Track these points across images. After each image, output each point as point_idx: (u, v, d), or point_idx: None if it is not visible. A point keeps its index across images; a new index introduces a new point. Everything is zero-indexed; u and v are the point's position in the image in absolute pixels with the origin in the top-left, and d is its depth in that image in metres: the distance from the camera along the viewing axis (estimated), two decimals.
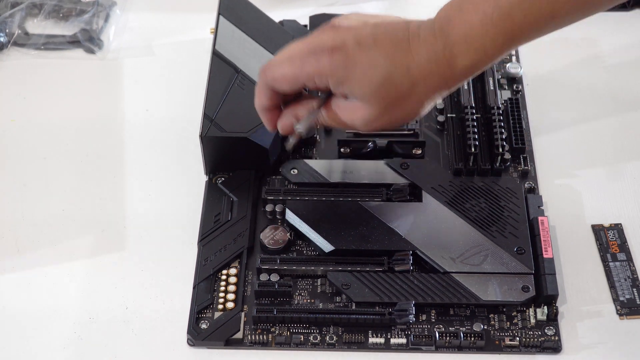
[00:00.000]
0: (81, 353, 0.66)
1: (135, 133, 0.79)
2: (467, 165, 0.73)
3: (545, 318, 0.66)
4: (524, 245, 0.68)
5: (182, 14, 0.90)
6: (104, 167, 0.77)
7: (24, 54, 0.86)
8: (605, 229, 0.72)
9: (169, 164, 0.77)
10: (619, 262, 0.70)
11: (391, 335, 0.66)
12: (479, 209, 0.71)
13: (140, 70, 0.85)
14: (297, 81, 0.63)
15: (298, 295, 0.68)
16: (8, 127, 0.80)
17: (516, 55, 0.84)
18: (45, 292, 0.69)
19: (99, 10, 0.88)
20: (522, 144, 0.75)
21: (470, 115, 0.75)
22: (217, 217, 0.71)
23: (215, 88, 0.73)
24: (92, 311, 0.68)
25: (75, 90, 0.83)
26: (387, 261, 0.68)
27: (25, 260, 0.71)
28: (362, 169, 0.74)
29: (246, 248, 0.69)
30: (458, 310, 0.67)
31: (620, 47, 0.86)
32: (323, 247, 0.69)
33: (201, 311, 0.66)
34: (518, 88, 0.81)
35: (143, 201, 0.75)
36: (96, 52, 0.86)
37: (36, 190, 0.75)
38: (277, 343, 0.65)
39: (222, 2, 0.80)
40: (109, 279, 0.70)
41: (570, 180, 0.75)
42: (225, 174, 0.74)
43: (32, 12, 0.89)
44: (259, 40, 0.78)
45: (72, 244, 0.72)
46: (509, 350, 0.65)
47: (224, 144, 0.72)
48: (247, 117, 0.71)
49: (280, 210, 0.72)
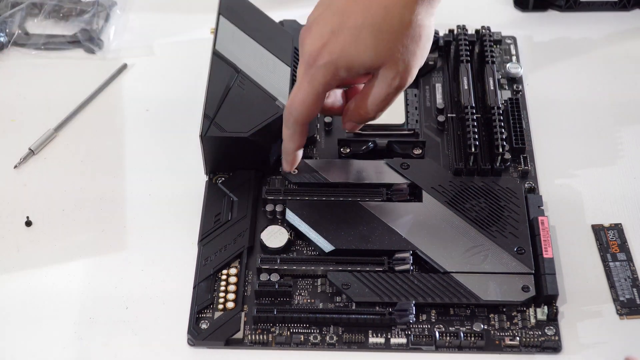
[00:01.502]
0: (81, 353, 0.66)
1: (135, 133, 0.79)
2: (467, 165, 0.73)
3: (545, 318, 0.66)
4: (524, 245, 0.68)
5: (182, 14, 0.90)
6: (104, 167, 0.77)
7: (24, 54, 0.86)
8: (605, 229, 0.72)
9: (169, 164, 0.77)
10: (619, 262, 0.70)
11: (391, 335, 0.66)
12: (479, 209, 0.71)
13: (140, 70, 0.85)
14: (319, 97, 0.64)
15: (298, 295, 0.68)
16: (8, 127, 0.80)
17: (516, 55, 0.84)
18: (45, 292, 0.69)
19: (99, 10, 0.88)
20: (522, 144, 0.75)
21: (470, 115, 0.75)
22: (217, 217, 0.71)
23: (215, 88, 0.73)
24: (92, 311, 0.68)
25: (75, 90, 0.83)
26: (387, 261, 0.68)
27: (25, 260, 0.71)
28: (362, 169, 0.74)
29: (246, 248, 0.69)
30: (458, 310, 0.67)
31: (620, 47, 0.86)
32: (323, 247, 0.69)
33: (201, 311, 0.66)
34: (518, 88, 0.81)
35: (143, 201, 0.75)
36: (96, 52, 0.86)
37: (36, 190, 0.75)
38: (277, 343, 0.65)
39: (222, 2, 0.80)
40: (109, 279, 0.70)
41: (570, 180, 0.75)
42: (225, 174, 0.74)
43: (32, 12, 0.89)
44: (259, 40, 0.78)
45: (72, 244, 0.72)
46: (509, 350, 0.65)
47: (224, 144, 0.72)
48: (247, 117, 0.71)
49: (280, 210, 0.72)
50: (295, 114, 0.65)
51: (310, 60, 0.63)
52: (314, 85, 0.63)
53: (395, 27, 0.62)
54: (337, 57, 0.62)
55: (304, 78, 0.64)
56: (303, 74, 0.64)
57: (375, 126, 0.77)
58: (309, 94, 0.64)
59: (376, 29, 0.61)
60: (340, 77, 0.63)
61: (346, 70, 0.63)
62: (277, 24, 0.81)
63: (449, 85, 0.81)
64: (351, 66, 0.63)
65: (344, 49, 0.62)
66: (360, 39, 0.62)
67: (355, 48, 0.62)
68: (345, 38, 0.62)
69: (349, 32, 0.62)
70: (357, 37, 0.62)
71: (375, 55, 0.62)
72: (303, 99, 0.64)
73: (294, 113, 0.65)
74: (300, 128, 0.66)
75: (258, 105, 0.72)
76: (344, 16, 0.62)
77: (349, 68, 0.63)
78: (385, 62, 0.63)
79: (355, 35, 0.62)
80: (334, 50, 0.62)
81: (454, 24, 0.83)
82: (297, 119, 0.65)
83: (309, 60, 0.63)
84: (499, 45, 0.85)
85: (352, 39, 0.62)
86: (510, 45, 0.85)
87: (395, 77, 0.63)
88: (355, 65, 0.63)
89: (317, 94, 0.64)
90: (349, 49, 0.62)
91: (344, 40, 0.62)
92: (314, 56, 0.63)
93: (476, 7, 0.90)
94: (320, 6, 0.65)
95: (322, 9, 0.64)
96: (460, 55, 0.80)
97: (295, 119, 0.65)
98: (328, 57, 0.62)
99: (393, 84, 0.64)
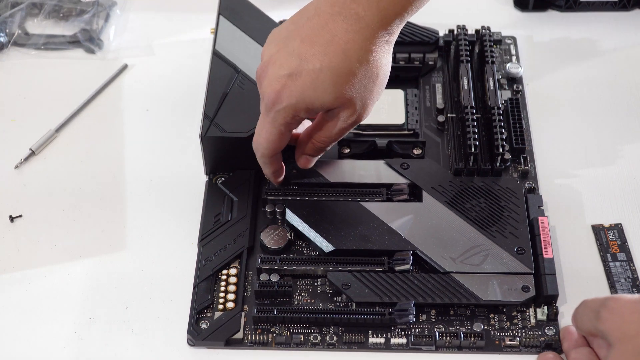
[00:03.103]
0: (81, 353, 0.66)
1: (135, 133, 0.79)
2: (467, 165, 0.73)
3: (545, 318, 0.66)
4: (524, 245, 0.68)
5: (182, 14, 0.90)
6: (104, 167, 0.77)
7: (24, 54, 0.86)
8: (605, 229, 0.72)
9: (169, 164, 0.77)
10: (619, 262, 0.70)
11: (391, 335, 0.66)
12: (479, 209, 0.71)
13: (140, 70, 0.85)
14: (282, 135, 0.66)
15: (298, 295, 0.68)
16: (8, 127, 0.80)
17: (516, 55, 0.84)
18: (45, 292, 0.69)
19: (99, 10, 0.88)
20: (522, 144, 0.75)
21: (470, 115, 0.75)
22: (217, 217, 0.71)
23: (215, 88, 0.73)
24: (92, 311, 0.68)
25: (75, 90, 0.83)
26: (387, 261, 0.68)
27: (25, 260, 0.71)
28: (362, 169, 0.74)
29: (246, 248, 0.69)
30: (458, 310, 0.67)
31: (620, 47, 0.86)
32: (323, 247, 0.69)
33: (201, 311, 0.67)
34: (518, 88, 0.81)
35: (143, 201, 0.75)
36: (96, 52, 0.86)
37: (36, 190, 0.75)
38: (277, 343, 0.65)
39: (222, 2, 0.80)
40: (109, 279, 0.70)
41: (570, 180, 0.75)
42: (225, 174, 0.74)
43: (32, 12, 0.89)
44: (259, 40, 0.78)
45: (72, 244, 0.72)
46: (509, 350, 0.65)
47: (224, 144, 0.72)
48: (247, 117, 0.71)
49: (280, 210, 0.72)
50: (261, 150, 0.67)
51: (269, 103, 0.64)
52: (275, 126, 0.65)
53: (353, 70, 0.62)
54: (296, 101, 0.63)
55: (266, 119, 0.65)
56: (264, 114, 0.65)
57: (375, 126, 0.77)
58: (272, 134, 0.66)
59: (335, 73, 0.62)
60: (300, 117, 0.65)
61: (305, 112, 0.64)
62: (277, 24, 0.81)
63: (449, 85, 0.81)
64: (310, 108, 0.64)
65: (302, 92, 0.63)
66: (319, 83, 0.62)
67: (314, 92, 0.63)
68: (304, 82, 0.62)
69: (307, 76, 0.62)
70: (316, 80, 0.62)
71: (334, 97, 0.63)
72: (267, 138, 0.66)
73: (260, 149, 0.67)
74: (269, 160, 0.68)
75: (258, 105, 0.72)
76: (301, 59, 0.63)
77: (308, 110, 0.64)
78: (343, 103, 0.64)
79: (314, 79, 0.62)
80: (293, 95, 0.63)
81: (454, 24, 0.83)
82: (264, 154, 0.68)
83: (268, 103, 0.64)
84: (499, 45, 0.85)
85: (311, 83, 0.62)
86: (510, 45, 0.85)
87: (352, 114, 0.65)
88: (314, 107, 0.64)
89: (280, 133, 0.66)
90: (308, 92, 0.63)
91: (302, 84, 0.63)
92: (272, 100, 0.64)
93: (476, 7, 0.90)
94: (273, 44, 0.65)
95: (276, 48, 0.65)
96: (460, 55, 0.80)
97: (263, 154, 0.68)
98: (287, 101, 0.63)
99: (349, 121, 0.65)
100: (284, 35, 0.65)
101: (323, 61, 0.62)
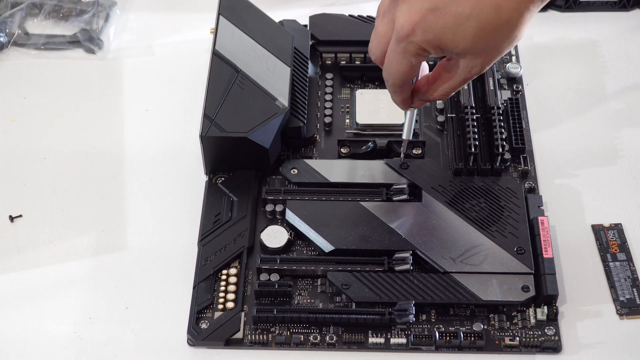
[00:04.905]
0: (81, 353, 0.66)
1: (135, 133, 0.79)
2: (467, 165, 0.73)
3: (545, 318, 0.66)
4: (524, 245, 0.68)
5: (182, 14, 0.90)
6: (104, 167, 0.77)
7: (24, 54, 0.86)
8: (605, 229, 0.72)
9: (169, 164, 0.77)
10: (619, 262, 0.70)
11: (391, 335, 0.66)
12: (479, 209, 0.71)
13: (140, 70, 0.85)
14: (413, 67, 0.64)
15: (298, 295, 0.68)
16: (8, 127, 0.80)
17: (516, 55, 0.84)
18: (45, 292, 0.69)
19: (99, 10, 0.88)
20: (522, 144, 0.75)
21: (470, 115, 0.75)
22: (217, 217, 0.71)
23: (215, 88, 0.73)
24: (92, 311, 0.68)
25: (75, 90, 0.83)
26: (387, 261, 0.68)
27: (25, 260, 0.71)
28: (362, 169, 0.74)
29: (246, 248, 0.69)
30: (458, 310, 0.67)
31: (620, 47, 0.86)
32: (323, 247, 0.69)
33: (201, 311, 0.66)
34: (518, 88, 0.81)
35: (143, 201, 0.75)
36: (96, 52, 0.86)
37: (36, 190, 0.75)
38: (277, 343, 0.65)
39: (222, 2, 0.80)
40: (109, 279, 0.70)
41: (570, 180, 0.75)
42: (225, 174, 0.74)
43: (32, 12, 0.89)
44: (259, 40, 0.78)
45: (72, 244, 0.72)
46: (509, 350, 0.65)
47: (224, 144, 0.72)
48: (247, 117, 0.71)
49: (280, 210, 0.72)
50: (392, 80, 0.66)
51: (403, 34, 0.62)
52: (406, 57, 0.63)
53: (499, 27, 0.60)
54: (432, 37, 0.61)
55: (396, 49, 0.63)
56: (395, 43, 0.63)
57: (375, 126, 0.77)
58: (403, 65, 0.64)
59: (481, 24, 0.60)
60: (429, 53, 0.63)
61: (435, 50, 0.62)
62: (277, 24, 0.81)
63: None
64: (443, 48, 0.62)
65: (441, 32, 0.61)
66: (461, 28, 0.60)
67: (452, 35, 0.60)
68: (446, 22, 0.60)
69: (451, 18, 0.60)
70: (459, 25, 0.60)
71: (471, 46, 0.61)
72: (397, 68, 0.64)
73: (390, 79, 0.66)
74: (400, 89, 0.66)
75: (258, 105, 0.72)
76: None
77: (439, 49, 0.62)
78: (474, 54, 0.62)
79: (457, 24, 0.60)
80: (430, 31, 0.61)
81: None
82: (395, 83, 0.66)
83: (401, 33, 0.62)
84: None
85: (453, 26, 0.60)
86: None
87: (476, 66, 0.63)
88: (447, 48, 0.62)
89: (410, 64, 0.64)
90: (447, 33, 0.61)
91: (444, 24, 0.60)
92: (407, 30, 0.61)
93: None
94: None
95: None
96: None
97: (394, 83, 0.66)
98: (422, 35, 0.61)
99: (473, 72, 0.64)
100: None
101: (474, 9, 0.60)
